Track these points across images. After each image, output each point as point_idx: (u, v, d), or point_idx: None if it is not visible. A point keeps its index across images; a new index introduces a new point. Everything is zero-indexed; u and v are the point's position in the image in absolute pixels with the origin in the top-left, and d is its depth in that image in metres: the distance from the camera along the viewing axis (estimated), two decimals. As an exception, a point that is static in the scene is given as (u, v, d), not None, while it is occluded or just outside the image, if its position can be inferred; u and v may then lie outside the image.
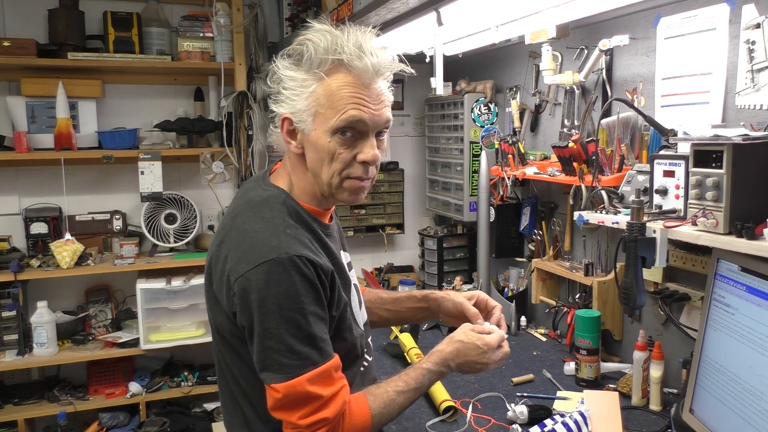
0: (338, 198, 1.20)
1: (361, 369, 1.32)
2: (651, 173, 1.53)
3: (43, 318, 2.69)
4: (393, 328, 2.28)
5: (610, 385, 1.82)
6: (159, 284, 2.80)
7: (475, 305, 1.43)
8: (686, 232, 1.35)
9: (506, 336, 1.33)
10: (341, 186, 1.17)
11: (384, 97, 1.16)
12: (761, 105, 1.49)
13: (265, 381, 1.09)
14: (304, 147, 1.17)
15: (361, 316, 1.35)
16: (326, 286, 1.12)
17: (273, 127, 1.23)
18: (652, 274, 1.80)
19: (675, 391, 1.75)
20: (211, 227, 3.13)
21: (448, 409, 1.66)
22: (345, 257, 1.33)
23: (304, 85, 1.13)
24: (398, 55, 1.18)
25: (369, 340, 1.39)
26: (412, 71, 1.20)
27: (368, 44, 1.13)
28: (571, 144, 1.89)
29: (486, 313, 1.42)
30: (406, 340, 2.09)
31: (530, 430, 1.46)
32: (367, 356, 1.35)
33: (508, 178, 2.36)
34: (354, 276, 1.36)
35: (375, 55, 1.12)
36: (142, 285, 2.79)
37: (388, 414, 1.19)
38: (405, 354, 2.04)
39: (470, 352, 1.26)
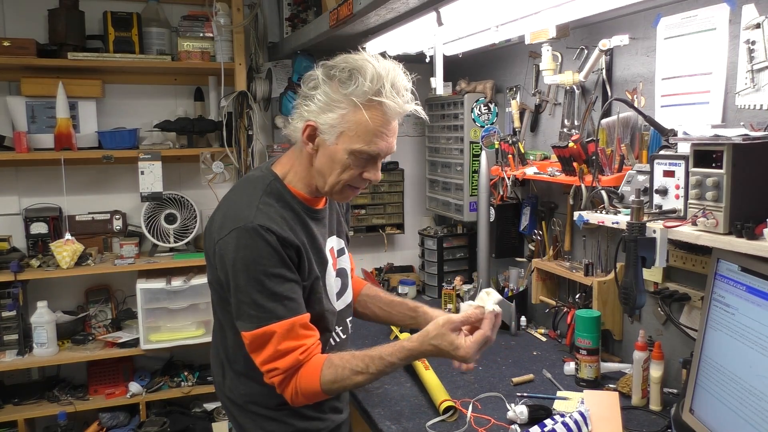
0: (332, 197, 1.40)
1: (332, 343, 1.47)
2: (651, 173, 1.53)
3: (43, 318, 2.69)
4: (393, 328, 2.28)
5: (610, 385, 1.82)
6: (159, 284, 2.80)
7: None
8: (686, 232, 1.35)
9: (490, 331, 1.34)
10: (341, 191, 1.35)
11: (397, 130, 1.34)
12: (761, 105, 1.49)
13: (239, 329, 1.29)
14: (318, 150, 1.32)
15: (344, 299, 1.51)
16: (292, 257, 1.28)
17: (291, 119, 1.35)
18: (652, 274, 1.80)
19: (675, 391, 1.75)
20: (211, 227, 3.13)
21: (448, 409, 1.66)
22: (334, 242, 1.49)
23: (338, 105, 1.27)
24: (414, 95, 1.35)
25: (348, 320, 1.55)
26: (425, 117, 1.39)
27: (402, 85, 1.29)
28: (571, 144, 1.89)
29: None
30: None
31: (530, 430, 1.47)
32: (340, 333, 1.50)
33: (508, 178, 2.36)
34: (345, 261, 1.54)
35: (404, 97, 1.29)
36: (142, 285, 2.79)
37: (339, 388, 1.32)
38: None
39: (442, 357, 1.35)
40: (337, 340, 1.50)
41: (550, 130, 2.39)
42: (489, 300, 1.38)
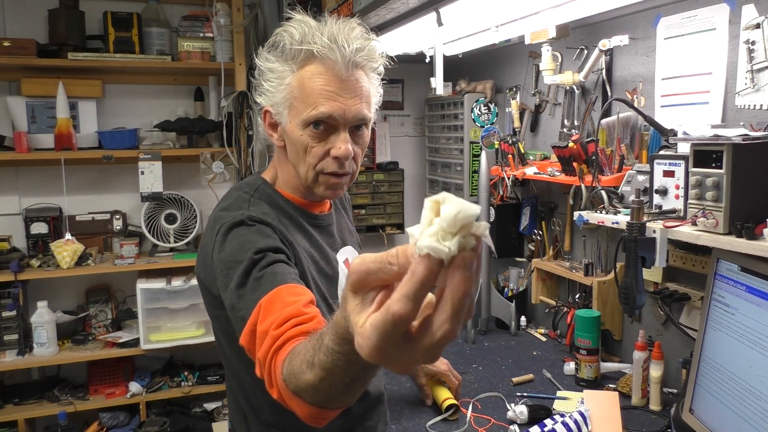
0: (316, 192, 1.17)
1: None
2: (651, 173, 1.53)
3: (43, 318, 2.69)
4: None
5: (610, 385, 1.82)
6: (159, 284, 2.80)
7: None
8: (686, 232, 1.35)
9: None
10: (317, 181, 1.15)
11: (361, 91, 1.11)
12: (761, 105, 1.49)
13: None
14: (285, 140, 1.17)
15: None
16: (286, 247, 1.07)
17: (259, 119, 1.21)
18: (652, 274, 1.80)
19: (675, 391, 1.75)
20: (211, 227, 3.13)
21: (450, 407, 1.66)
22: (348, 253, 1.30)
23: (281, 77, 1.11)
24: (381, 50, 1.16)
25: None
26: (392, 63, 1.18)
27: (345, 34, 1.08)
28: (571, 144, 1.89)
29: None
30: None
31: (530, 430, 1.46)
32: None
33: (508, 178, 2.36)
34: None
35: (350, 46, 1.07)
36: (142, 285, 2.79)
37: (304, 391, 0.77)
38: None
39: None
40: None
41: (550, 130, 2.39)
42: (426, 232, 0.53)
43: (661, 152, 1.55)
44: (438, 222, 0.50)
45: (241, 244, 1.03)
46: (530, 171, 2.22)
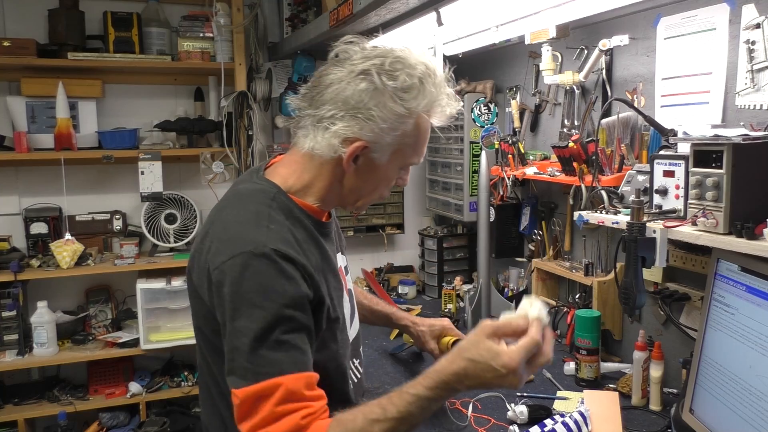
0: (346, 208, 1.22)
1: (353, 381, 1.24)
2: (651, 173, 1.53)
3: (43, 318, 2.69)
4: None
5: (610, 385, 1.82)
6: (159, 284, 2.80)
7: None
8: (686, 232, 1.35)
9: (546, 336, 1.00)
10: (356, 203, 1.20)
11: None
12: (761, 105, 1.49)
13: (229, 385, 0.98)
14: (357, 167, 1.12)
15: (354, 324, 1.28)
16: (309, 287, 1.04)
17: (326, 129, 1.09)
18: (652, 274, 1.80)
19: (675, 391, 1.75)
20: (211, 227, 3.13)
21: (456, 342, 1.62)
22: (341, 260, 1.28)
23: (401, 120, 1.08)
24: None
25: (361, 349, 1.35)
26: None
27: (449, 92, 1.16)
28: (571, 144, 1.89)
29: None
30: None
31: (530, 430, 1.46)
32: (358, 366, 1.30)
33: (508, 178, 2.36)
34: (350, 281, 1.32)
35: (455, 97, 1.17)
36: (142, 285, 2.79)
37: None
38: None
39: (484, 375, 0.96)
40: (358, 375, 1.28)
41: (550, 130, 2.39)
42: (532, 310, 1.04)
43: (661, 152, 1.55)
44: (537, 307, 1.03)
45: (264, 287, 0.98)
46: (530, 171, 2.22)
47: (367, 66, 1.07)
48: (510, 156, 2.34)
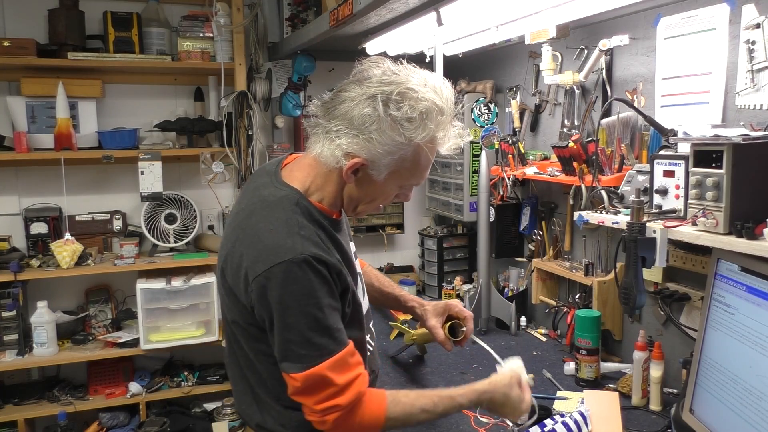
0: (346, 213, 1.33)
1: (368, 354, 1.38)
2: (651, 173, 1.53)
3: (43, 318, 2.69)
4: (392, 325, 2.28)
5: (610, 385, 1.82)
6: (159, 284, 2.80)
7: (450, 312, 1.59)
8: (686, 232, 1.35)
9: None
10: (364, 211, 1.31)
11: None
12: (761, 105, 1.49)
13: (284, 371, 1.16)
14: (357, 179, 1.22)
15: (365, 304, 1.41)
16: (337, 283, 1.19)
17: (332, 141, 1.18)
18: (652, 274, 1.80)
19: (675, 391, 1.75)
20: (211, 227, 3.12)
21: (452, 328, 1.61)
22: (352, 247, 1.41)
23: (399, 147, 1.16)
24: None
25: (371, 324, 1.47)
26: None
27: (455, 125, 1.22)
28: (571, 144, 1.89)
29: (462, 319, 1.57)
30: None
31: (530, 430, 1.46)
32: (370, 341, 1.42)
33: (508, 178, 2.36)
34: (359, 265, 1.44)
35: (463, 130, 1.23)
36: (142, 285, 2.79)
37: (401, 423, 1.24)
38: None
39: (505, 408, 1.34)
40: (371, 349, 1.42)
41: (550, 130, 2.39)
42: (521, 369, 1.42)
43: (661, 152, 1.55)
44: (521, 369, 1.39)
45: (306, 288, 1.13)
46: (530, 171, 2.22)
47: (377, 92, 1.15)
48: (510, 156, 2.34)
